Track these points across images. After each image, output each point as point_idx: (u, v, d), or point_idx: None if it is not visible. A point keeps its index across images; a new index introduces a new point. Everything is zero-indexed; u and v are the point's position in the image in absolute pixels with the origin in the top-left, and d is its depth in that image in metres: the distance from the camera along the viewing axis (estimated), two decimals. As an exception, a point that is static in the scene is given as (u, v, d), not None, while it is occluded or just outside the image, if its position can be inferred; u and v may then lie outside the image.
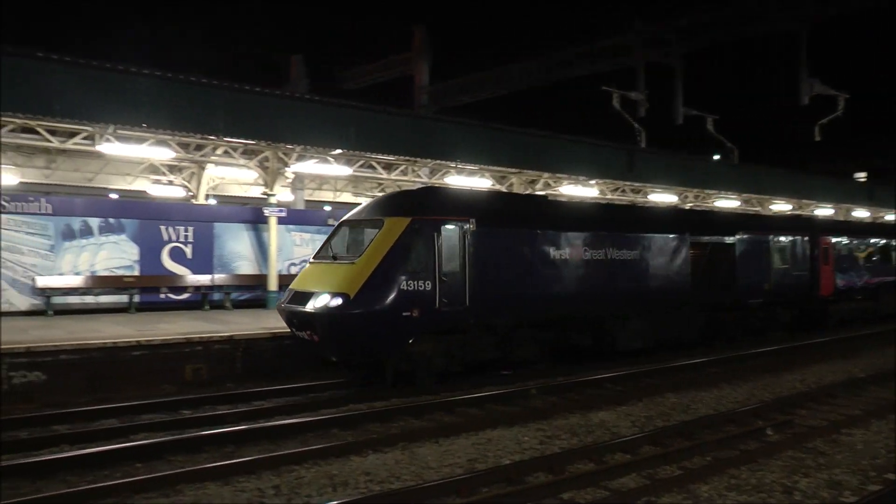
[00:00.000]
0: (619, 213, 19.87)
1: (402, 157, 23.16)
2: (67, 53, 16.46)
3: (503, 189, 26.56)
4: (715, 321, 19.32)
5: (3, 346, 12.77)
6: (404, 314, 12.97)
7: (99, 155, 20.63)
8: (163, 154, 19.97)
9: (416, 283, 13.14)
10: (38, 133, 18.17)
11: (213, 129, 18.59)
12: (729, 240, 20.25)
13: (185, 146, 20.14)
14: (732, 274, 20.11)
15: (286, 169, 21.32)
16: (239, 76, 23.82)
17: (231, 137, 19.34)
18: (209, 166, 22.76)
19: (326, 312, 12.74)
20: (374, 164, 23.27)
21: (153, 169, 23.66)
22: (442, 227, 13.59)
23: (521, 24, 76.14)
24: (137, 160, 22.66)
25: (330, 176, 26.47)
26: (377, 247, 13.15)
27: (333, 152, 21.39)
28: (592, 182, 28.73)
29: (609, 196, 30.48)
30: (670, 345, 17.92)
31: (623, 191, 30.94)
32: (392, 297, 12.88)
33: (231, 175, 24.08)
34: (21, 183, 22.35)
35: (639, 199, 31.72)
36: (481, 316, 14.03)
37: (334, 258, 13.76)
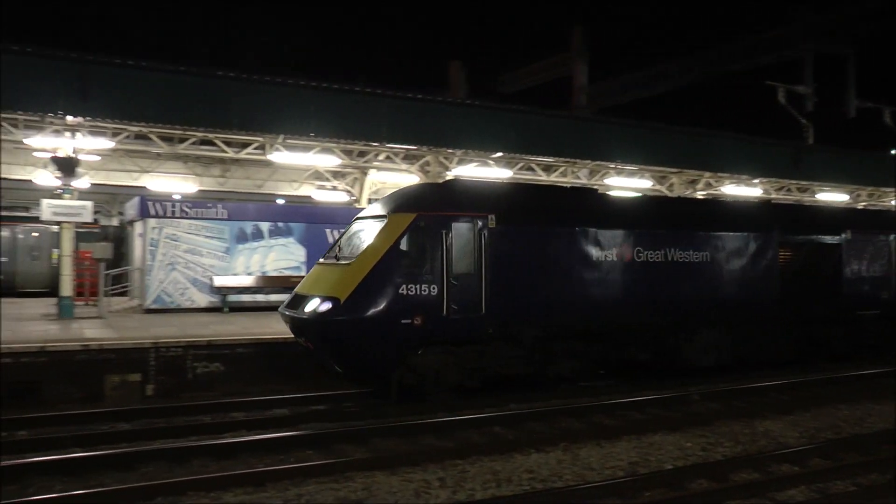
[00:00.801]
0: (683, 208, 17.17)
1: (561, 159, 23.17)
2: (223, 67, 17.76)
3: (662, 190, 25.97)
4: (813, 335, 16.61)
5: (188, 339, 13.94)
6: (403, 322, 11.75)
7: (268, 163, 22.03)
8: (328, 161, 21.04)
9: (418, 287, 11.89)
10: (215, 145, 19.66)
11: (377, 135, 19.39)
12: (832, 239, 17.39)
13: (348, 153, 21.10)
14: (837, 280, 17.30)
15: (446, 173, 21.87)
16: (399, 83, 24.74)
17: (393, 143, 20.10)
18: (371, 171, 23.70)
19: (315, 318, 11.77)
20: (533, 166, 23.41)
21: (318, 175, 24.95)
22: (453, 224, 12.28)
23: (679, 21, 74.13)
24: (303, 167, 23.95)
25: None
26: (376, 246, 12.01)
27: (494, 155, 21.73)
28: (756, 181, 27.52)
29: (774, 195, 29.05)
30: (754, 362, 15.65)
31: (788, 189, 29.40)
32: (388, 302, 11.68)
33: (392, 180, 25.01)
34: (199, 191, 24.34)
35: (805, 198, 30.02)
36: (502, 325, 12.58)
37: (337, 259, 12.63)
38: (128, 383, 13.03)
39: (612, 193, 17.97)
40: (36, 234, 27.29)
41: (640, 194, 23.25)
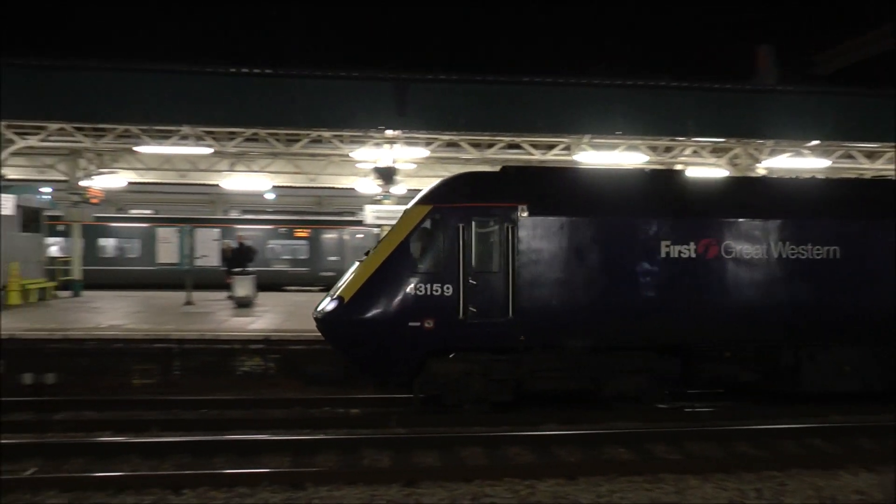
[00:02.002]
0: (789, 191, 13.24)
1: (888, 145, 21.03)
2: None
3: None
4: None
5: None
6: (411, 324, 11.08)
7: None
8: (634, 159, 21.12)
9: (429, 286, 11.10)
10: (521, 148, 20.65)
11: (683, 129, 19.13)
12: None
13: (654, 149, 21.01)
14: None
15: (756, 166, 20.93)
16: (703, 74, 24.02)
17: (701, 136, 19.71)
18: (678, 167, 23.32)
19: (322, 318, 11.57)
20: (853, 153, 21.53)
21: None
22: (472, 217, 11.25)
23: None
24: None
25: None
26: (388, 241, 11.52)
27: (809, 144, 20.39)
28: None
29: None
30: None
31: None
32: (393, 302, 11.09)
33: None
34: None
35: None
36: (536, 332, 11.30)
37: (366, 255, 12.00)
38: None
39: (695, 174, 14.64)
40: (360, 236, 30.57)
41: (735, 175, 19.99)
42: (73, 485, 8.34)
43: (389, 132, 18.67)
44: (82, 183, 23.69)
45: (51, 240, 26.62)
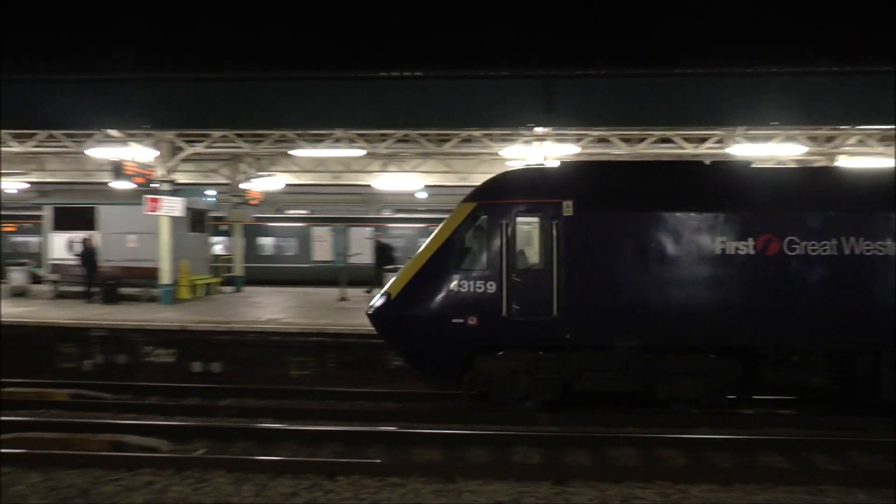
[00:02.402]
0: (867, 182, 11.96)
1: None
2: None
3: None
4: None
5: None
6: (455, 321, 11.10)
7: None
8: (791, 151, 20.12)
9: (472, 283, 11.12)
10: (672, 142, 20.12)
11: (846, 117, 18.00)
12: None
13: (813, 139, 19.95)
14: None
15: (933, 155, 19.45)
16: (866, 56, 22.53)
17: (865, 124, 18.50)
18: (840, 158, 22.03)
19: (372, 314, 11.79)
20: None
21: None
22: (515, 213, 11.21)
23: None
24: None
25: None
26: (435, 238, 11.54)
27: None
28: None
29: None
30: None
31: None
32: (436, 299, 11.15)
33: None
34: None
35: None
36: (582, 331, 11.03)
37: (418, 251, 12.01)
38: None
39: (755, 164, 12.97)
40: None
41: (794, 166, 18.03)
42: (237, 466, 8.93)
43: (539, 129, 18.68)
44: (243, 185, 25.16)
45: (215, 239, 28.43)
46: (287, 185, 27.77)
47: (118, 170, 18.65)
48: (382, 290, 12.03)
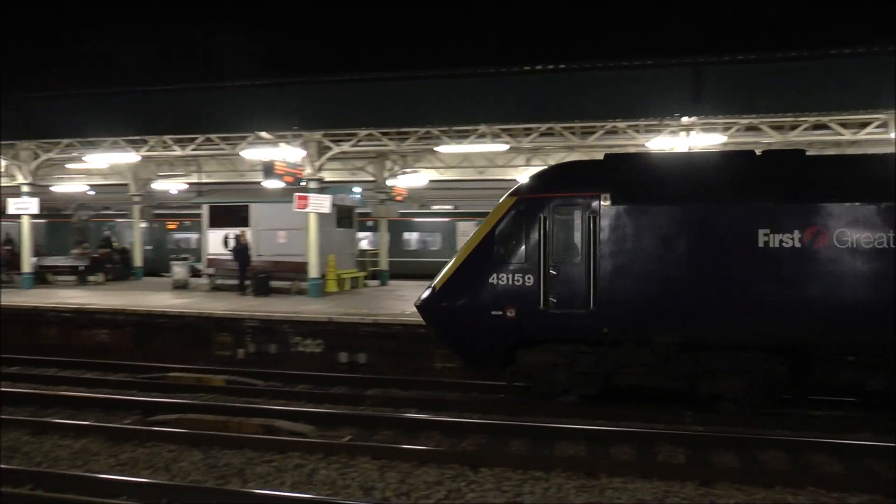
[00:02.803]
0: None
1: None
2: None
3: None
4: None
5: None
6: (494, 313, 11.29)
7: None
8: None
9: (511, 276, 11.28)
10: (828, 128, 18.97)
11: None
12: None
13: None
14: None
15: None
16: None
17: None
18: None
19: (419, 305, 12.16)
20: None
21: None
22: (552, 207, 11.26)
23: None
24: None
25: None
26: (478, 232, 11.74)
27: None
28: None
29: None
30: None
31: None
32: (476, 291, 11.42)
33: None
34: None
35: None
36: (622, 325, 10.93)
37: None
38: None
39: (799, 154, 11.84)
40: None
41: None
42: (381, 453, 9.18)
43: (685, 119, 18.08)
44: (388, 182, 25.75)
45: (361, 235, 29.24)
46: (431, 181, 28.18)
47: (269, 169, 19.55)
48: (430, 284, 12.27)
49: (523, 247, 11.40)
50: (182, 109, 19.70)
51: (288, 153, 20.06)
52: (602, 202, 11.14)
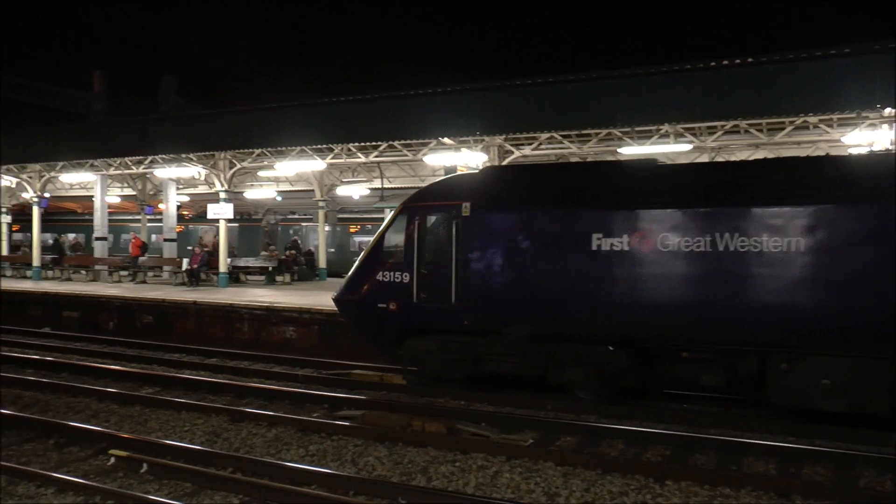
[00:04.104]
0: (741, 176, 11.50)
1: None
2: None
3: None
4: None
5: None
6: (380, 305, 13.01)
7: None
8: None
9: (393, 274, 12.94)
10: None
11: None
12: None
13: None
14: None
15: None
16: None
17: None
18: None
19: (334, 299, 14.27)
20: None
21: None
22: (426, 215, 12.86)
23: None
24: None
25: None
26: (376, 236, 13.65)
27: None
28: None
29: None
30: None
31: None
32: (369, 287, 13.24)
33: None
34: None
35: None
36: (477, 318, 12.31)
37: None
38: None
39: (629, 161, 12.70)
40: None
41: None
42: (565, 459, 9.08)
43: (888, 111, 16.66)
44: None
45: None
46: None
47: (451, 174, 19.91)
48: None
49: (403, 249, 13.02)
50: (370, 119, 20.51)
51: (469, 158, 20.36)
52: (463, 210, 12.46)
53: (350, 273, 13.84)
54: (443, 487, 8.28)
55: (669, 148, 19.53)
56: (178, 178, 26.52)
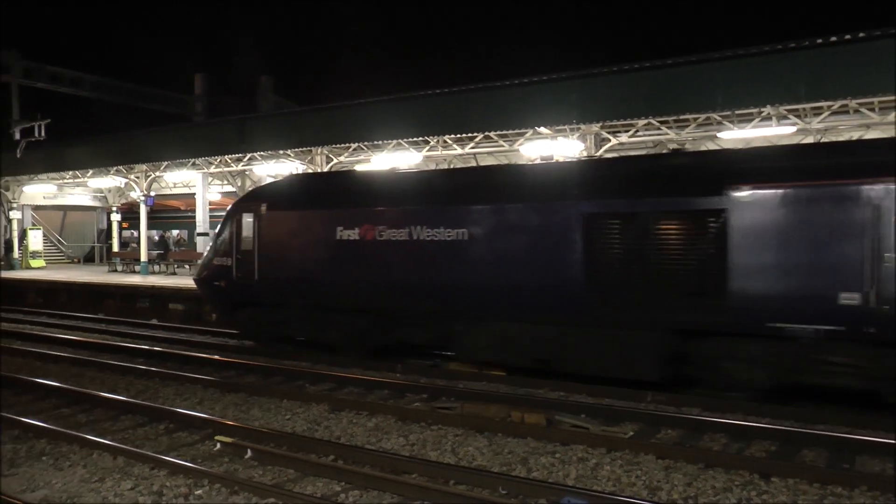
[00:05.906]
0: (435, 181, 15.84)
1: None
2: None
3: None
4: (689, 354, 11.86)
5: None
6: (216, 283, 17.06)
7: None
8: None
9: (223, 259, 16.77)
10: None
11: None
12: (708, 204, 11.38)
13: None
14: (719, 270, 11.23)
15: None
16: None
17: None
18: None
19: (194, 278, 18.71)
20: None
21: None
22: (242, 213, 16.62)
23: None
24: None
25: None
26: (218, 228, 17.56)
27: None
28: None
29: None
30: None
31: None
32: (209, 269, 17.26)
33: None
34: None
35: None
36: (270, 293, 16.16)
37: None
38: None
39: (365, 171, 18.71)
40: None
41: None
42: (667, 453, 9.04)
43: None
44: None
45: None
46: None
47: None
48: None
49: (228, 239, 16.75)
50: (466, 110, 20.61)
51: (566, 147, 20.27)
52: (262, 210, 16.22)
53: (201, 259, 18.49)
54: (543, 478, 8.36)
55: (772, 131, 18.92)
56: (276, 175, 27.27)
